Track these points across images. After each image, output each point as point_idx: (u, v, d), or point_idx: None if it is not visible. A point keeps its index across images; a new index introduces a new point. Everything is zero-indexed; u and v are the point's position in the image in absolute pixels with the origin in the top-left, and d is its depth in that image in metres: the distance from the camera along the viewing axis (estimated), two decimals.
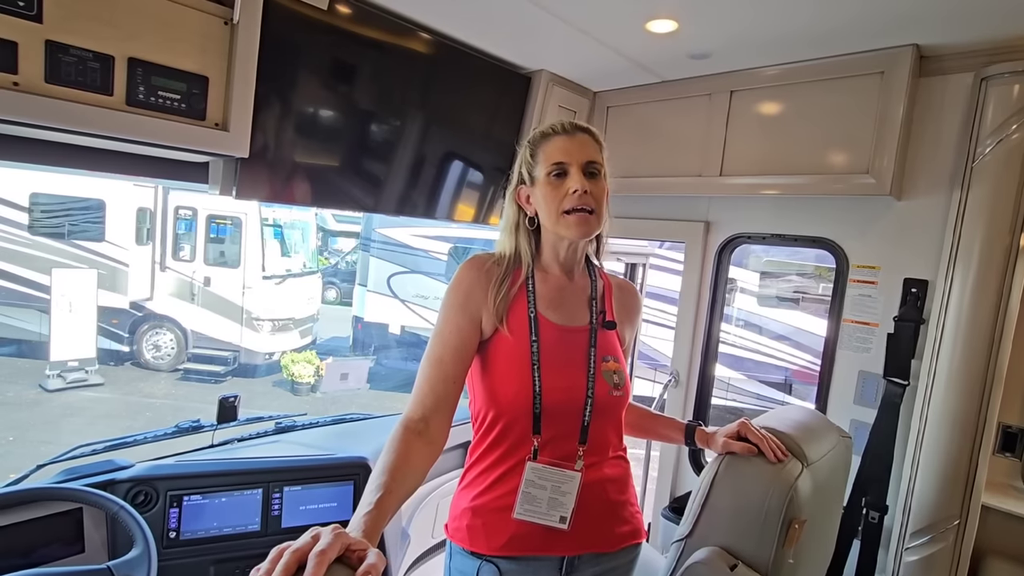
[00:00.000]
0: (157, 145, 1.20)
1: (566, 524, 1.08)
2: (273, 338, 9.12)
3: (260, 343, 9.00)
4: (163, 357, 8.83)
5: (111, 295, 8.36)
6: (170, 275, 8.79)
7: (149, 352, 8.80)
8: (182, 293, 8.83)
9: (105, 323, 8.34)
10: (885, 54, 1.56)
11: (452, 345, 1.07)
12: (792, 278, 8.58)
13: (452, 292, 1.12)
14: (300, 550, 0.59)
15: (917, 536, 1.55)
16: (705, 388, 2.18)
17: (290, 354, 8.99)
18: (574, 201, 1.07)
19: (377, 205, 1.90)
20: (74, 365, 7.72)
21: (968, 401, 1.48)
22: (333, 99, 1.60)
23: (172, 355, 8.86)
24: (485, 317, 1.10)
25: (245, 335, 8.91)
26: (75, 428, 6.60)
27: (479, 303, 1.10)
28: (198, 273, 8.79)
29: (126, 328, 8.66)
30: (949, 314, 1.52)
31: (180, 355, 8.87)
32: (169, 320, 8.80)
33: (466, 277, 1.12)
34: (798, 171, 1.76)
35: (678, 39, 1.63)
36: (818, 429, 1.23)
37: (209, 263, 8.82)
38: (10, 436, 6.25)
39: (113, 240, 8.41)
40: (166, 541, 1.47)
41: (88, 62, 1.06)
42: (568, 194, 1.08)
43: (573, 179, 1.08)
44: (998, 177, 1.43)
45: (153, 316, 8.76)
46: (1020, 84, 1.41)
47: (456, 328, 1.08)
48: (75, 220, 8.28)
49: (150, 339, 8.81)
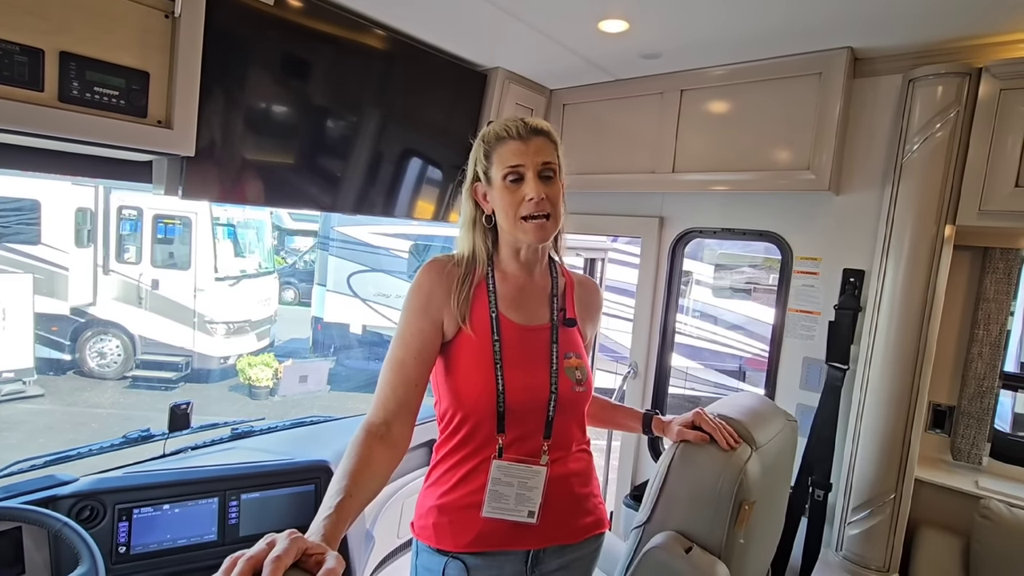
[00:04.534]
0: (94, 144, 1.14)
1: (534, 518, 1.10)
2: (228, 342, 8.79)
3: (214, 347, 8.66)
4: (109, 365, 8.38)
5: (49, 301, 7.87)
6: (114, 278, 8.35)
7: (93, 360, 8.35)
8: (128, 297, 8.40)
9: (43, 331, 7.85)
10: (822, 56, 1.65)
11: (414, 348, 1.07)
12: (745, 270, 8.92)
13: (413, 295, 1.11)
14: (255, 557, 0.58)
15: (858, 511, 1.65)
16: (663, 378, 2.24)
17: (247, 357, 8.70)
18: (531, 208, 1.08)
19: (334, 204, 1.86)
20: (10, 376, 7.23)
21: (901, 381, 1.58)
22: (284, 95, 1.56)
23: (119, 362, 8.43)
24: (447, 319, 1.10)
25: (198, 339, 8.55)
26: (13, 443, 6.21)
27: (440, 305, 1.10)
28: (145, 276, 8.38)
29: (67, 335, 8.18)
30: (883, 301, 1.62)
31: (128, 362, 8.45)
32: (114, 326, 8.36)
33: (426, 280, 1.11)
34: (745, 168, 1.83)
35: (629, 39, 1.67)
36: (766, 414, 1.29)
37: (157, 265, 8.41)
38: None
39: (50, 243, 7.91)
40: (115, 557, 1.41)
41: (15, 56, 1.00)
42: (524, 201, 1.08)
43: (529, 186, 1.08)
44: (925, 172, 1.53)
45: (97, 322, 8.30)
46: (943, 85, 1.51)
47: (418, 331, 1.08)
48: (6, 222, 7.74)
49: (94, 346, 8.36)
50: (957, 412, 1.89)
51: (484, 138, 1.15)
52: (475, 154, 1.16)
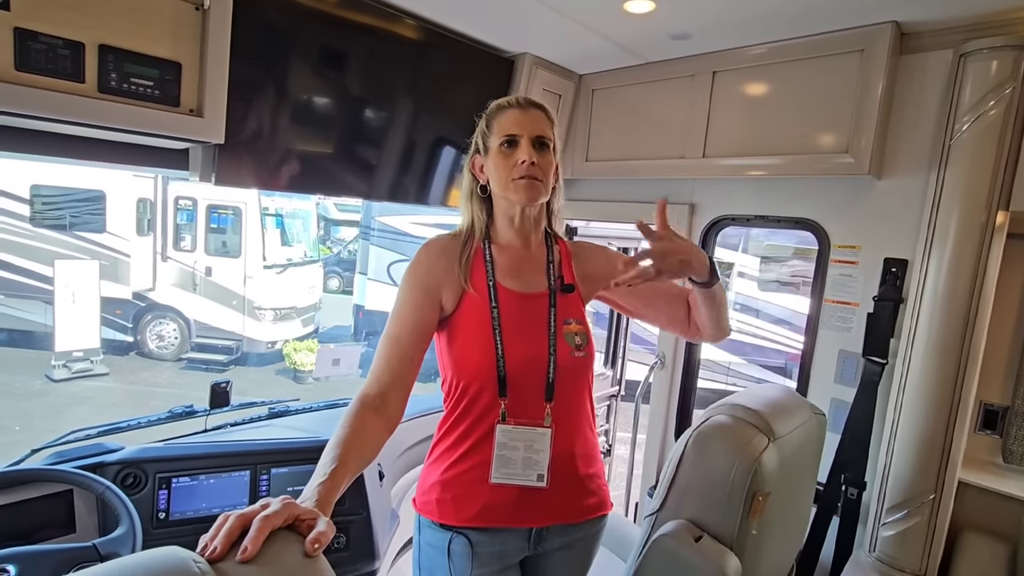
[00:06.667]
0: (131, 132, 1.21)
1: (543, 482, 1.11)
2: (275, 327, 9.17)
3: (262, 332, 9.05)
4: (167, 347, 8.90)
5: (114, 286, 8.41)
6: (172, 265, 8.83)
7: (153, 342, 8.88)
8: (184, 283, 8.87)
9: (109, 313, 8.40)
10: (865, 31, 1.55)
11: (411, 323, 1.10)
12: (795, 263, 8.55)
13: (411, 271, 1.14)
14: (245, 515, 0.61)
15: (893, 511, 1.57)
16: (691, 370, 2.20)
17: (292, 343, 9.05)
18: (522, 170, 1.11)
19: (370, 192, 1.91)
20: (79, 355, 7.80)
21: (943, 378, 1.49)
22: (311, 84, 1.61)
23: (175, 345, 8.93)
24: (445, 293, 1.13)
25: (247, 324, 8.96)
26: (81, 417, 6.69)
27: (438, 280, 1.13)
28: (199, 263, 8.83)
29: (129, 318, 8.73)
30: (926, 292, 1.52)
31: (183, 345, 8.94)
32: (172, 310, 8.85)
33: (425, 256, 1.15)
34: (780, 152, 1.75)
35: (657, 19, 1.62)
36: (788, 406, 1.25)
37: (210, 253, 8.84)
38: (17, 426, 6.35)
39: (114, 231, 8.44)
40: (155, 522, 1.51)
41: (58, 49, 1.07)
42: (517, 164, 1.11)
43: (523, 150, 1.11)
44: (975, 154, 1.43)
45: (156, 306, 8.82)
46: (998, 60, 1.40)
47: (415, 306, 1.11)
48: (76, 211, 8.30)
49: (153, 329, 8.88)
50: (1011, 413, 1.77)
51: (487, 112, 1.20)
52: (479, 127, 1.21)
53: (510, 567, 1.15)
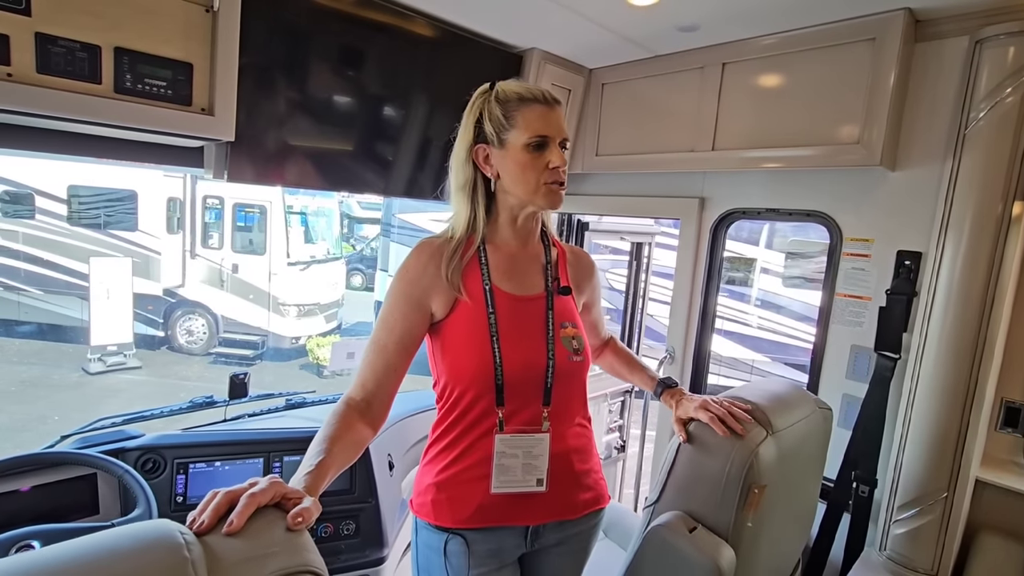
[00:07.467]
0: (146, 130, 1.26)
1: (543, 486, 1.11)
2: (299, 323, 9.37)
3: (287, 328, 9.27)
4: (196, 342, 9.18)
5: (146, 282, 8.72)
6: (200, 262, 9.10)
7: (183, 337, 9.17)
8: (212, 280, 9.14)
9: (141, 309, 8.71)
10: (877, 19, 1.52)
11: (396, 333, 1.08)
12: (822, 259, 8.34)
13: (400, 277, 1.10)
14: (233, 492, 0.64)
15: (904, 509, 1.54)
16: (701, 365, 2.18)
17: (316, 338, 9.24)
18: (556, 175, 1.07)
19: (386, 188, 1.94)
20: (113, 349, 8.11)
21: (958, 374, 1.46)
22: (317, 82, 1.64)
23: (204, 340, 9.20)
24: (436, 300, 1.09)
25: (272, 320, 9.19)
26: (114, 408, 6.83)
27: (426, 288, 1.09)
28: (226, 260, 9.08)
29: (160, 314, 9.03)
30: (939, 286, 1.49)
31: (212, 340, 9.21)
32: (201, 306, 9.13)
33: (414, 263, 1.10)
34: (790, 144, 1.73)
35: (662, 11, 1.61)
36: (790, 399, 1.23)
37: (236, 250, 9.09)
38: (55, 416, 6.63)
39: (146, 229, 8.74)
40: (174, 505, 1.58)
41: (76, 52, 1.12)
42: (549, 167, 1.07)
43: (555, 153, 1.07)
44: (990, 143, 1.38)
45: (186, 302, 9.10)
46: (1016, 46, 1.35)
47: (402, 316, 1.08)
48: (110, 211, 8.63)
49: (183, 324, 9.17)
50: None
51: (500, 98, 1.08)
52: (484, 112, 1.09)
53: (508, 564, 1.14)
